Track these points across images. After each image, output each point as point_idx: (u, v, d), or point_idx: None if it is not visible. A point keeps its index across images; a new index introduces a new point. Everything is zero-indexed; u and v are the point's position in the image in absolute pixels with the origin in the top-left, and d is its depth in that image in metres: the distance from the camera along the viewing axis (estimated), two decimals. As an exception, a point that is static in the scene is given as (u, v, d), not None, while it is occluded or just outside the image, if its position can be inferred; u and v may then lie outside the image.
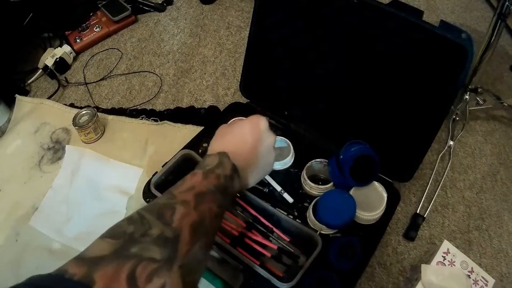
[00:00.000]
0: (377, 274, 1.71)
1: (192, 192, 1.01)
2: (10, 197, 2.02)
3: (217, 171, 1.13)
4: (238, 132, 1.30)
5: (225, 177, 1.14)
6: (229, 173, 1.17)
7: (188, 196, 0.99)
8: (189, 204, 0.96)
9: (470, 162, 2.04)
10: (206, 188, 1.05)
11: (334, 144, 1.74)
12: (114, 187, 1.98)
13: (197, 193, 1.01)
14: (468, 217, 1.86)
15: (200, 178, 1.09)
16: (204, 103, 2.36)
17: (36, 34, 2.79)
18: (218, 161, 1.17)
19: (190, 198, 0.98)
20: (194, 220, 0.92)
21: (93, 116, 2.11)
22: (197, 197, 0.99)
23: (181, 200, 0.97)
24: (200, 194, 1.02)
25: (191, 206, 0.96)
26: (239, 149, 1.26)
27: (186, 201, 0.96)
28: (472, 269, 1.60)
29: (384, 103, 1.68)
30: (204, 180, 1.08)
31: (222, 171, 1.15)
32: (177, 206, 0.93)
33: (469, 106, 2.10)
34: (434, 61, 1.50)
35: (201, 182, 1.07)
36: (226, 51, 2.64)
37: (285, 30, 1.81)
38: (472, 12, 2.78)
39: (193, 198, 0.98)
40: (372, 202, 1.63)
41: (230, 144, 1.27)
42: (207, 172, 1.12)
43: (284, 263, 1.56)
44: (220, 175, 1.13)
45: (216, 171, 1.13)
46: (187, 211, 0.93)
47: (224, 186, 1.12)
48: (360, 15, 1.59)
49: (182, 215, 0.91)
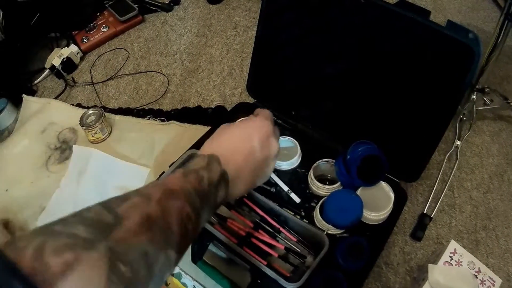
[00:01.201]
0: (384, 274, 1.71)
1: (161, 188, 0.88)
2: (17, 197, 2.03)
3: (201, 172, 1.00)
4: (237, 135, 1.18)
5: (209, 182, 1.00)
6: (216, 179, 1.02)
7: (153, 190, 0.86)
8: (149, 197, 0.83)
9: (477, 162, 2.04)
10: (180, 187, 0.92)
11: (341, 144, 1.73)
12: (121, 187, 1.98)
13: (167, 190, 0.89)
14: (475, 217, 1.86)
15: (178, 175, 0.97)
16: (211, 103, 2.37)
17: (43, 34, 2.79)
18: (205, 163, 1.03)
19: (155, 192, 0.86)
20: (149, 212, 0.79)
21: (100, 116, 2.11)
22: (165, 193, 0.87)
23: (144, 192, 0.85)
24: (170, 190, 0.89)
25: (153, 199, 0.83)
26: (234, 155, 1.13)
27: (149, 194, 0.84)
28: (479, 269, 1.60)
29: (391, 103, 1.68)
30: (182, 179, 0.96)
31: (207, 175, 1.00)
32: (133, 196, 0.82)
33: (476, 106, 2.09)
34: (441, 61, 1.50)
35: (176, 179, 0.95)
36: (233, 51, 2.64)
37: (292, 30, 1.80)
38: (479, 12, 2.78)
39: (159, 192, 0.86)
40: (379, 202, 1.63)
41: (225, 147, 1.14)
42: (189, 171, 0.99)
43: (291, 263, 1.56)
44: (203, 177, 0.99)
45: (200, 172, 1.00)
46: (144, 202, 0.81)
47: (204, 191, 0.97)
48: (367, 15, 1.58)
49: (134, 204, 0.80)
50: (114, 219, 0.74)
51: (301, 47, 1.82)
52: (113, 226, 0.72)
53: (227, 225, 1.64)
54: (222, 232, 1.55)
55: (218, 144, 1.15)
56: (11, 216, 1.94)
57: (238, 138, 1.16)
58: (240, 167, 1.12)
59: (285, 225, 1.62)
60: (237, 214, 1.67)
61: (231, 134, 1.18)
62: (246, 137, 1.16)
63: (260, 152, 1.16)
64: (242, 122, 1.21)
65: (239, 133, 1.18)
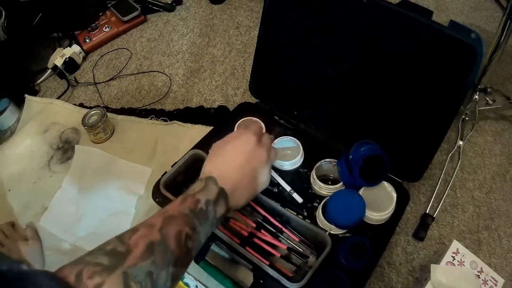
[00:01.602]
0: (387, 274, 1.71)
1: (162, 216, 1.13)
2: (19, 197, 2.03)
3: (198, 196, 1.22)
4: (226, 153, 1.39)
5: (206, 202, 1.22)
6: (214, 197, 1.25)
7: (156, 220, 1.12)
8: (154, 227, 1.09)
9: (480, 162, 2.04)
10: (178, 212, 1.16)
11: (343, 144, 1.73)
12: (123, 187, 1.99)
13: (167, 217, 1.13)
14: (477, 217, 1.86)
15: (177, 202, 1.21)
16: (213, 103, 2.36)
17: (46, 34, 2.80)
18: (203, 186, 1.26)
19: (158, 221, 1.11)
20: (152, 240, 1.05)
21: (103, 116, 2.11)
22: (165, 220, 1.12)
23: (148, 223, 1.11)
24: (169, 217, 1.14)
25: (157, 228, 1.09)
26: (227, 172, 1.33)
27: (153, 224, 1.10)
28: (481, 269, 1.60)
29: (394, 103, 1.68)
30: (180, 205, 1.19)
31: (204, 196, 1.23)
32: (141, 228, 1.08)
33: (478, 106, 2.09)
34: (443, 61, 1.50)
35: (176, 206, 1.19)
36: (235, 51, 2.64)
37: (294, 30, 1.80)
38: (481, 12, 2.78)
39: (161, 220, 1.11)
40: (381, 202, 1.63)
41: (218, 167, 1.35)
42: (187, 196, 1.23)
43: (294, 263, 1.56)
44: (200, 200, 1.22)
45: (197, 196, 1.22)
46: (149, 232, 1.07)
47: (202, 210, 1.21)
48: (369, 15, 1.58)
49: (141, 235, 1.05)
50: (126, 249, 1.01)
51: (304, 47, 1.82)
52: (126, 255, 0.99)
53: (229, 225, 1.64)
54: (224, 232, 1.56)
55: (213, 164, 1.37)
56: (13, 216, 1.94)
57: (229, 156, 1.37)
58: (236, 181, 1.33)
59: (287, 225, 1.62)
60: (240, 214, 1.67)
61: (223, 154, 1.39)
62: (235, 154, 1.37)
63: (250, 164, 1.37)
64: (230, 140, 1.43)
65: (229, 151, 1.39)
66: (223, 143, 1.42)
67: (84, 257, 0.99)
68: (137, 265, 0.98)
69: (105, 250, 1.01)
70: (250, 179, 1.37)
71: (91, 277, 0.92)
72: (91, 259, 0.98)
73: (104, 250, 1.01)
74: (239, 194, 1.34)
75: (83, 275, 0.92)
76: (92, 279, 0.91)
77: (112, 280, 0.93)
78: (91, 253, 1.00)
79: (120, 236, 1.06)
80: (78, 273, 0.92)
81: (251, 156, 1.37)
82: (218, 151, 1.40)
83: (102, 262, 0.96)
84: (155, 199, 1.67)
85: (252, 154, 1.38)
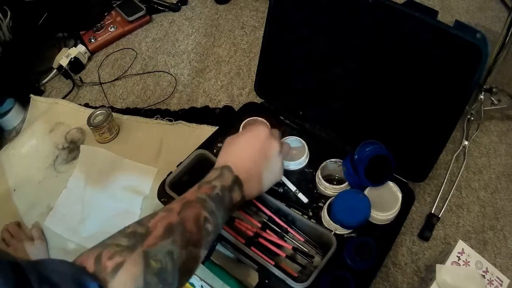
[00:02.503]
0: (392, 274, 1.71)
1: (181, 202, 1.19)
2: (24, 197, 2.03)
3: (213, 182, 1.29)
4: (240, 144, 1.45)
5: (222, 188, 1.29)
6: (229, 184, 1.32)
7: (175, 205, 1.17)
8: (172, 210, 1.14)
9: (485, 162, 2.04)
10: (196, 197, 1.21)
11: (349, 144, 1.74)
12: (128, 187, 1.99)
13: (185, 202, 1.19)
14: (483, 217, 1.86)
15: (194, 189, 1.27)
16: (218, 103, 2.36)
17: (51, 34, 2.80)
18: (218, 174, 1.33)
19: (177, 206, 1.16)
20: (171, 221, 1.10)
21: (108, 116, 2.12)
22: (184, 205, 1.17)
23: (168, 208, 1.16)
24: (187, 202, 1.19)
25: (175, 212, 1.14)
26: (242, 161, 1.40)
27: (171, 208, 1.15)
28: (486, 269, 1.60)
29: (399, 103, 1.68)
30: (196, 191, 1.26)
31: (220, 182, 1.30)
32: (159, 212, 1.13)
33: (483, 106, 2.09)
34: (448, 61, 1.50)
35: (193, 192, 1.25)
36: (240, 51, 2.64)
37: (299, 30, 1.81)
38: (486, 12, 2.77)
39: (179, 205, 1.16)
40: (386, 202, 1.63)
41: (233, 157, 1.41)
42: (203, 183, 1.29)
43: (299, 263, 1.56)
44: (216, 186, 1.28)
45: (213, 182, 1.29)
46: (167, 215, 1.12)
47: (219, 195, 1.26)
48: (374, 15, 1.58)
49: (160, 218, 1.10)
50: (146, 230, 1.05)
51: (309, 47, 1.82)
52: (145, 235, 1.03)
53: (234, 225, 1.64)
54: (229, 232, 1.56)
55: (227, 155, 1.43)
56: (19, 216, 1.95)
57: (243, 146, 1.44)
58: (250, 170, 1.40)
59: (292, 225, 1.62)
60: (245, 214, 1.67)
61: (237, 145, 1.45)
62: (249, 144, 1.44)
63: (264, 154, 1.44)
64: (243, 133, 1.50)
65: (243, 142, 1.46)
66: (236, 136, 1.49)
67: (104, 241, 1.03)
68: (157, 245, 1.02)
69: (124, 233, 1.05)
70: (264, 169, 1.43)
71: (111, 257, 0.95)
72: (111, 241, 1.02)
73: (124, 233, 1.05)
74: (253, 183, 1.40)
75: (103, 257, 0.95)
76: (112, 260, 0.95)
77: (132, 259, 0.96)
78: (111, 237, 1.05)
79: (140, 220, 1.11)
80: (97, 256, 0.96)
81: (264, 146, 1.44)
82: (232, 143, 1.46)
83: (121, 243, 1.00)
84: (160, 199, 1.67)
85: (264, 144, 1.44)
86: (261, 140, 1.44)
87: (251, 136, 1.45)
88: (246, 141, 1.45)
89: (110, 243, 1.01)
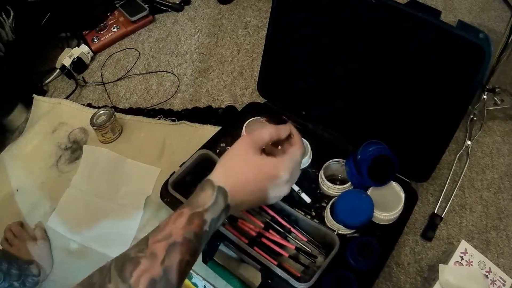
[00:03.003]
0: (395, 274, 1.71)
1: (166, 243, 1.05)
2: (27, 197, 2.04)
3: (205, 216, 1.13)
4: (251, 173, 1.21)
5: (211, 221, 1.14)
6: (218, 213, 1.16)
7: (159, 248, 1.04)
8: (156, 258, 1.02)
9: (488, 162, 2.04)
10: (182, 238, 1.07)
11: (352, 144, 1.74)
12: (131, 187, 2.00)
13: (171, 244, 1.05)
14: (485, 217, 1.86)
15: (183, 223, 1.10)
16: (221, 103, 2.36)
17: (54, 34, 2.80)
18: (212, 202, 1.15)
19: (161, 250, 1.04)
20: (154, 275, 1.00)
21: (111, 116, 2.12)
22: (169, 249, 1.05)
23: (150, 252, 1.03)
24: (173, 244, 1.05)
25: (159, 260, 1.02)
26: (243, 190, 1.21)
27: (154, 254, 1.03)
28: (489, 269, 1.60)
29: (402, 103, 1.68)
30: (186, 226, 1.09)
31: (211, 215, 1.14)
32: (142, 261, 1.01)
33: (486, 106, 2.09)
34: (451, 61, 1.50)
35: (181, 228, 1.09)
36: (243, 51, 2.64)
37: (302, 30, 1.81)
38: (489, 12, 2.77)
39: (164, 250, 1.04)
40: (389, 202, 1.63)
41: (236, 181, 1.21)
42: (194, 215, 1.12)
43: (302, 263, 1.57)
44: (206, 221, 1.13)
45: (205, 216, 1.13)
46: (150, 266, 1.01)
47: (206, 233, 1.13)
48: (377, 15, 1.58)
49: (143, 270, 1.00)
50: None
51: (312, 47, 1.82)
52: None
53: (237, 225, 1.64)
54: (232, 232, 1.56)
55: (230, 175, 1.21)
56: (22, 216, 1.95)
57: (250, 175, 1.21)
58: (246, 200, 1.22)
59: (295, 225, 1.63)
60: (248, 214, 1.67)
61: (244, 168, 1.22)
62: (257, 182, 1.21)
63: (269, 193, 1.23)
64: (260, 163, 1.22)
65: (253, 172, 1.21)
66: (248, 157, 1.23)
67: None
68: None
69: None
70: (260, 197, 1.24)
71: None
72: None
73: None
74: (241, 208, 1.26)
75: None
76: None
77: None
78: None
79: (121, 270, 1.01)
80: None
81: (274, 190, 1.23)
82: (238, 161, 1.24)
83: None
84: (163, 199, 1.67)
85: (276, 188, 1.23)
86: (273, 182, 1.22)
87: (266, 174, 1.22)
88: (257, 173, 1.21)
89: None
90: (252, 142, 1.24)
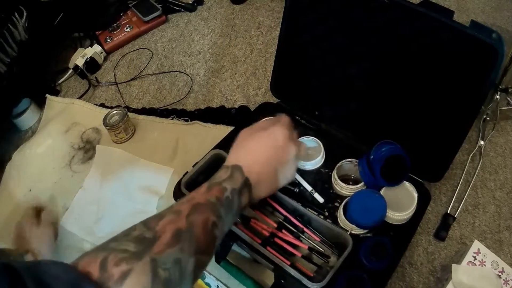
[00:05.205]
0: (408, 274, 1.71)
1: (190, 203, 1.13)
2: (40, 197, 2.04)
3: (224, 184, 1.23)
4: (255, 144, 1.38)
5: (232, 191, 1.23)
6: (239, 186, 1.26)
7: (184, 206, 1.12)
8: (181, 213, 1.09)
9: (501, 162, 2.03)
10: (205, 200, 1.16)
11: (365, 144, 1.73)
12: (144, 187, 2.00)
13: (194, 204, 1.13)
14: (498, 217, 1.85)
15: (204, 190, 1.21)
16: (234, 103, 2.37)
17: (67, 34, 2.82)
18: (229, 175, 1.27)
19: (185, 208, 1.11)
20: (179, 226, 1.05)
21: (124, 116, 2.13)
22: (193, 208, 1.12)
23: (175, 209, 1.10)
24: (197, 204, 1.13)
25: (184, 215, 1.08)
26: (256, 163, 1.34)
27: (180, 211, 1.09)
28: (502, 269, 1.59)
29: (415, 103, 1.68)
30: (206, 192, 1.20)
31: (230, 185, 1.24)
32: (167, 214, 1.08)
33: (499, 106, 2.09)
34: (464, 61, 1.50)
35: (202, 194, 1.19)
36: (256, 51, 2.65)
37: (315, 30, 1.81)
38: (502, 12, 2.76)
39: (188, 207, 1.11)
40: (402, 202, 1.63)
41: (246, 156, 1.36)
42: (213, 184, 1.23)
43: (315, 263, 1.56)
44: (226, 188, 1.22)
45: (223, 184, 1.23)
46: (176, 219, 1.07)
47: (228, 199, 1.21)
48: (390, 15, 1.58)
49: (168, 221, 1.05)
50: (153, 236, 1.00)
51: (325, 47, 1.82)
52: (153, 241, 0.98)
53: (250, 225, 1.64)
54: (245, 232, 1.56)
55: (240, 153, 1.38)
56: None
57: (258, 147, 1.37)
58: (261, 173, 1.35)
59: (308, 225, 1.62)
60: (261, 214, 1.67)
61: (251, 144, 1.39)
62: (265, 146, 1.37)
63: (278, 158, 1.38)
64: (260, 132, 1.41)
65: (259, 142, 1.38)
66: (253, 132, 1.42)
67: (109, 244, 0.99)
68: (165, 252, 0.98)
69: (131, 236, 1.00)
70: (275, 173, 1.39)
71: (117, 264, 0.90)
72: (117, 245, 0.97)
73: (130, 236, 1.00)
74: (261, 186, 1.35)
75: (108, 263, 0.91)
76: (119, 267, 0.90)
77: (140, 268, 0.92)
78: (115, 239, 1.01)
79: (146, 221, 1.06)
80: (102, 261, 0.91)
81: (280, 151, 1.38)
82: (246, 140, 1.41)
83: (128, 248, 0.95)
84: (176, 199, 1.67)
85: (281, 148, 1.38)
86: (278, 143, 1.37)
87: (268, 138, 1.38)
88: (262, 141, 1.38)
89: (116, 247, 0.96)
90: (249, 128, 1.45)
